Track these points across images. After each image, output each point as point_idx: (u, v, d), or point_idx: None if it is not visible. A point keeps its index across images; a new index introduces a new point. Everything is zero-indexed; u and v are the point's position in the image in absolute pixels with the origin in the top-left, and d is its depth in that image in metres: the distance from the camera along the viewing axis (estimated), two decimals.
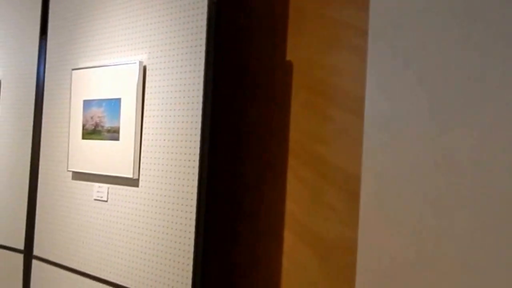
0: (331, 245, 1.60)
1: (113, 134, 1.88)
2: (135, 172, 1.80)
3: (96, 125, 1.95)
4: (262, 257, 1.77)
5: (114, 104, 1.88)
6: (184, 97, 1.68)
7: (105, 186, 1.94)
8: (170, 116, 1.72)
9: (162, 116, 1.75)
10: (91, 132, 1.98)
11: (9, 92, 2.45)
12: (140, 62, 1.81)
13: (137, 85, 1.80)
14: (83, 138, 2.01)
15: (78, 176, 2.07)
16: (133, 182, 1.83)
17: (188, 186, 1.65)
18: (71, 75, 2.10)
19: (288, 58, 1.77)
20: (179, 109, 1.70)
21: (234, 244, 1.83)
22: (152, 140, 1.78)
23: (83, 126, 2.01)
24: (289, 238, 1.71)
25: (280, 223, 1.73)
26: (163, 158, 1.73)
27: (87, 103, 2.00)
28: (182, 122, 1.68)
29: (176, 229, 1.67)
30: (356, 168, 1.56)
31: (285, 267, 1.71)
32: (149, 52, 1.82)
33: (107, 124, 1.91)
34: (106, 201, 1.94)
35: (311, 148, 1.67)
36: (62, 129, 2.16)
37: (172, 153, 1.71)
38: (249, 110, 1.84)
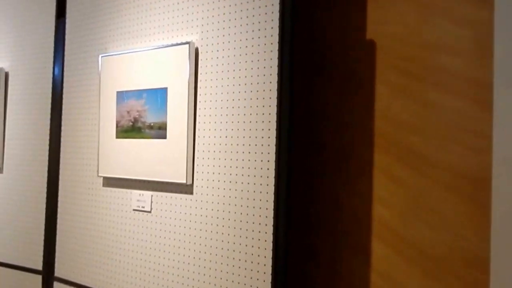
0: (439, 260, 1.31)
1: (158, 131, 1.56)
2: (188, 176, 1.49)
3: (135, 120, 1.64)
4: (344, 272, 1.48)
5: (159, 95, 1.56)
6: (251, 83, 1.38)
7: (147, 193, 1.63)
8: (232, 107, 1.42)
9: (222, 108, 1.44)
10: (128, 129, 1.66)
11: (19, 86, 2.12)
12: (192, 43, 1.50)
13: (189, 71, 1.49)
14: (118, 137, 1.69)
15: (112, 182, 1.75)
16: (185, 189, 1.52)
17: (261, 192, 1.34)
18: (99, 62, 1.78)
19: (370, 35, 1.47)
20: (245, 99, 1.39)
21: (311, 258, 1.54)
22: (209, 137, 1.47)
23: (117, 122, 1.69)
24: (379, 250, 1.42)
25: (366, 232, 1.44)
26: (225, 159, 1.43)
27: (121, 95, 1.69)
28: (250, 114, 1.38)
29: (247, 246, 1.37)
30: (469, 164, 1.27)
31: (377, 284, 1.42)
32: (202, 32, 1.51)
33: (150, 119, 1.59)
34: (149, 211, 1.62)
35: (406, 141, 1.38)
36: (89, 127, 1.84)
37: (236, 152, 1.40)
38: (326, 98, 1.54)
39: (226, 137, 1.43)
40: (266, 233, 1.33)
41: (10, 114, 2.14)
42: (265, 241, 1.32)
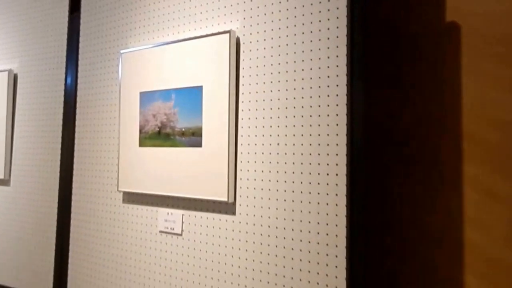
0: None
1: (192, 138, 1.30)
2: (230, 193, 1.23)
3: (163, 125, 1.38)
4: None
5: (192, 95, 1.30)
6: (310, 78, 1.11)
7: (177, 212, 1.36)
8: (286, 108, 1.15)
9: (271, 109, 1.18)
10: (154, 136, 1.40)
11: (29, 89, 1.87)
12: (232, 32, 1.24)
13: (229, 66, 1.23)
14: (141, 145, 1.43)
15: (134, 198, 1.49)
16: (226, 208, 1.26)
17: (327, 214, 1.07)
18: (119, 59, 1.53)
19: (451, 17, 1.20)
20: (302, 98, 1.12)
21: None
22: (256, 144, 1.20)
23: (141, 128, 1.44)
24: (473, 285, 1.13)
25: (457, 260, 1.16)
26: (277, 172, 1.16)
27: (146, 96, 1.43)
28: (311, 116, 1.11)
29: (310, 283, 1.09)
30: None
31: None
32: (244, 18, 1.25)
33: (181, 123, 1.33)
34: (180, 234, 1.36)
35: (505, 146, 1.10)
36: (107, 135, 1.59)
37: (292, 163, 1.13)
38: (401, 95, 1.26)
39: (278, 144, 1.16)
40: (336, 267, 1.05)
41: (18, 121, 1.90)
42: (336, 277, 1.05)
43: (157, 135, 1.39)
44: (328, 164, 1.07)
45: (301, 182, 1.11)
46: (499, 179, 1.10)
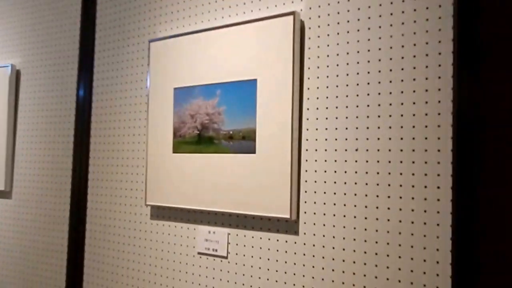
0: None
1: (242, 142, 1.09)
2: (293, 209, 1.01)
3: (204, 128, 1.16)
4: None
5: (242, 90, 1.09)
6: (401, 69, 0.91)
7: (222, 231, 1.14)
8: (367, 106, 0.95)
9: (347, 107, 0.97)
10: (193, 140, 1.18)
11: (34, 87, 1.64)
12: (297, 14, 1.03)
13: (292, 54, 1.02)
14: (176, 151, 1.21)
15: (165, 213, 1.27)
16: (286, 226, 1.04)
17: (425, 236, 0.86)
18: (148, 50, 1.31)
19: None
20: (390, 94, 0.92)
21: None
22: (326, 150, 0.99)
23: (176, 131, 1.22)
24: None
25: None
26: (355, 183, 0.95)
27: (182, 93, 1.21)
28: (402, 116, 0.90)
29: None
30: None
31: None
32: None
33: (228, 125, 1.11)
34: (225, 257, 1.14)
35: None
36: (132, 139, 1.36)
37: (377, 173, 0.92)
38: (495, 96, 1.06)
39: (356, 150, 0.95)
40: None
41: (21, 124, 1.67)
42: None
43: (197, 139, 1.17)
44: (426, 175, 0.87)
45: (388, 197, 0.91)
46: None
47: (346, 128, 0.97)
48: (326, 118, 1.00)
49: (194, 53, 1.19)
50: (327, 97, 1.00)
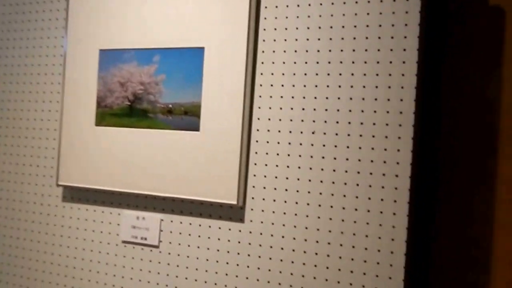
0: None
1: (183, 118, 0.96)
2: (240, 194, 0.92)
3: (137, 99, 1.01)
4: None
5: (187, 59, 0.96)
6: (366, 50, 0.85)
7: (154, 217, 1.01)
8: (326, 86, 0.88)
9: (303, 86, 0.90)
10: (123, 112, 1.02)
11: None
12: None
13: (248, 20, 0.91)
14: (100, 123, 1.04)
15: (82, 195, 1.09)
16: (231, 213, 0.94)
17: (381, 226, 0.83)
18: (67, 4, 1.10)
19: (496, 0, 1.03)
20: (349, 74, 0.86)
21: None
22: (279, 131, 0.91)
23: (100, 100, 1.04)
24: None
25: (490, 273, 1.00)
26: (310, 168, 0.88)
27: (110, 56, 1.04)
28: (363, 99, 0.85)
29: None
30: None
31: None
32: None
33: (167, 97, 0.97)
34: (157, 246, 1.01)
35: None
36: (41, 106, 1.15)
37: (335, 158, 0.87)
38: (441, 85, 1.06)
39: (313, 133, 0.88)
40: None
41: None
42: None
43: (127, 112, 1.02)
44: (385, 162, 0.83)
45: (345, 184, 0.86)
46: None
47: (303, 109, 0.89)
48: (281, 97, 0.91)
49: (126, 9, 1.02)
50: (283, 74, 0.91)
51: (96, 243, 1.07)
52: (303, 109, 0.90)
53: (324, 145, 0.88)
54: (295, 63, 0.90)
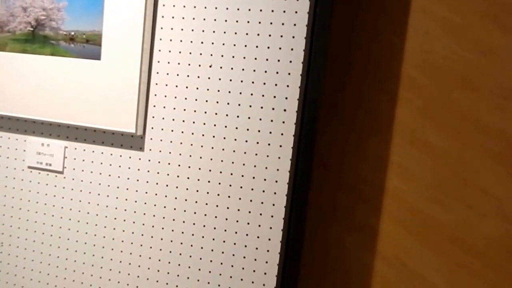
0: (473, 247, 1.04)
1: (85, 46, 0.96)
2: (139, 123, 0.95)
3: (39, 25, 0.99)
4: (340, 254, 1.14)
5: None
6: None
7: (58, 144, 1.03)
8: (224, 21, 0.90)
9: (203, 19, 0.91)
10: (25, 38, 1.01)
11: None
12: None
13: None
14: (3, 49, 1.02)
15: None
16: (131, 142, 0.98)
17: (269, 156, 0.89)
18: None
19: None
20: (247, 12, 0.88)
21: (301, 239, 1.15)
22: (179, 63, 0.93)
23: (2, 25, 1.02)
24: (389, 231, 1.10)
25: (374, 208, 1.11)
26: (206, 101, 0.92)
27: None
28: (258, 35, 0.88)
29: (246, 242, 0.92)
30: None
31: (383, 271, 1.11)
32: None
33: (69, 25, 0.97)
34: (61, 172, 1.04)
35: (446, 95, 1.05)
36: None
37: (229, 92, 0.90)
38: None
39: (210, 67, 0.91)
40: (272, 216, 0.89)
41: None
42: (271, 228, 0.89)
43: (30, 38, 1.00)
44: (275, 97, 0.88)
45: (237, 116, 0.90)
46: (431, 128, 1.05)
47: (202, 43, 0.92)
48: (182, 29, 0.93)
49: None
50: (184, 6, 0.92)
51: (3, 168, 1.08)
52: (201, 42, 0.92)
53: (220, 79, 0.91)
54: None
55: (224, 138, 0.91)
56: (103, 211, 1.01)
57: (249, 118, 0.89)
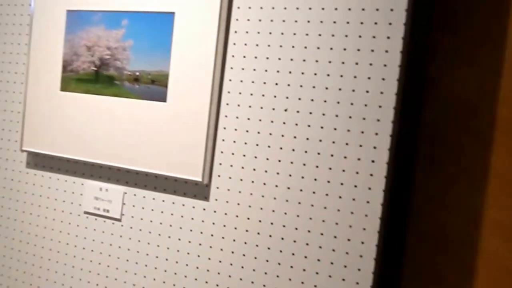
0: None
1: (150, 87, 0.90)
2: (205, 170, 0.87)
3: (103, 64, 0.95)
4: None
5: (156, 24, 0.89)
6: (346, 22, 0.79)
7: (117, 189, 0.97)
8: (302, 61, 0.82)
9: (278, 59, 0.83)
10: (89, 78, 0.96)
11: None
12: None
13: None
14: (65, 88, 0.99)
15: (46, 162, 1.04)
16: (196, 190, 0.90)
17: (354, 213, 0.78)
18: None
19: None
20: (327, 49, 0.80)
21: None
22: (250, 107, 0.85)
23: (66, 64, 0.98)
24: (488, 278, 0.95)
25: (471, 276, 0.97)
26: (281, 148, 0.83)
27: (77, 17, 0.97)
28: (341, 77, 0.79)
29: None
30: None
31: None
32: None
33: (135, 65, 0.91)
34: (118, 219, 0.97)
35: None
36: (6, 67, 1.09)
37: (307, 138, 0.81)
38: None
39: (285, 111, 0.83)
40: (359, 270, 0.78)
41: None
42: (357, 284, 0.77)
43: (93, 78, 0.96)
44: (361, 146, 0.78)
45: (317, 167, 0.81)
46: None
47: (276, 84, 0.84)
48: (254, 70, 0.85)
49: None
50: (256, 45, 0.85)
51: (59, 212, 1.03)
52: (276, 84, 0.84)
53: (296, 124, 0.82)
54: (270, 33, 0.84)
55: (301, 190, 0.82)
56: (162, 264, 0.92)
57: (330, 169, 0.80)
